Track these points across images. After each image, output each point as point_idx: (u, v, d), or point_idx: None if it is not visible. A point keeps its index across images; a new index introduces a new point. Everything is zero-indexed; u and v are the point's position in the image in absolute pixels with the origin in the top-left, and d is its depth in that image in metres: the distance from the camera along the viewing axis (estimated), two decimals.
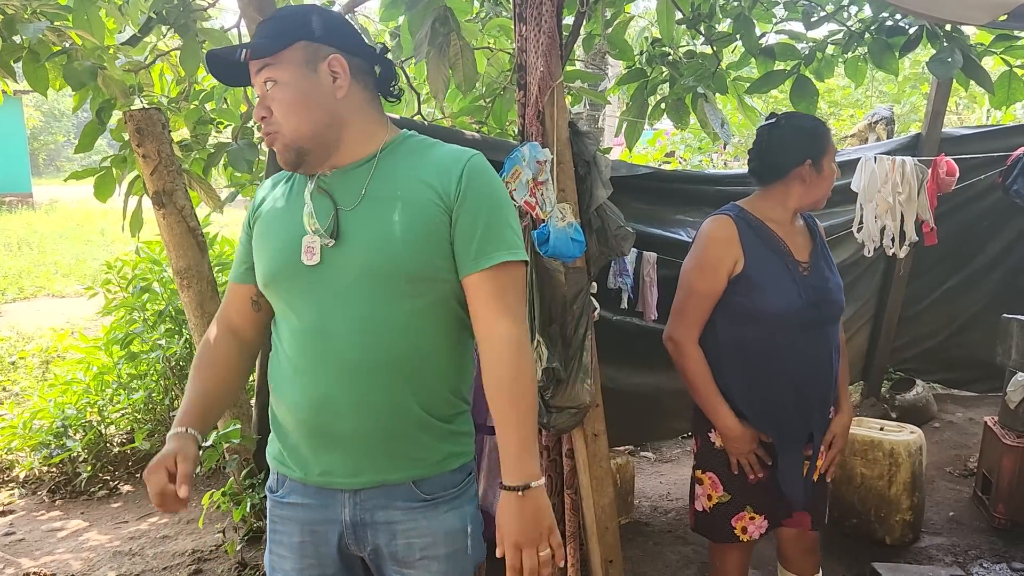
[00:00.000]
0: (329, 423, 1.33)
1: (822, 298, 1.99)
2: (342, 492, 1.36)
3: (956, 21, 2.47)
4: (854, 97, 9.46)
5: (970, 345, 4.37)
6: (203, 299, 2.97)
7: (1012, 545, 3.06)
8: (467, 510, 1.41)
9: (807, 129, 2.04)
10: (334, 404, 1.31)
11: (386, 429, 1.32)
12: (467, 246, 1.31)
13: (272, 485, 1.45)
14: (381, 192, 1.33)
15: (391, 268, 1.29)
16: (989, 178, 3.91)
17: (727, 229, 2.00)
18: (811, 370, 1.99)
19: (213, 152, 3.02)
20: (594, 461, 2.12)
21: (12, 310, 7.71)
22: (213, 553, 3.16)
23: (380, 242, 1.30)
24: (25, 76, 2.76)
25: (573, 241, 1.82)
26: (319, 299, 1.32)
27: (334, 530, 1.38)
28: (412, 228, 1.30)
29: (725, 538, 2.09)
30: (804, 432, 2.02)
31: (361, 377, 1.30)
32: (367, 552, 1.39)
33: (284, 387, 1.37)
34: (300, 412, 1.35)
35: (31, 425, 4.00)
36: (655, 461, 4.15)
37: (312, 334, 1.33)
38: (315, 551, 1.39)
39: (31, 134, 22.65)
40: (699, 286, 2.01)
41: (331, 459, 1.35)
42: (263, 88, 1.33)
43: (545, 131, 2.02)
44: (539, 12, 1.99)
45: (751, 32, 3.02)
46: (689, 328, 2.02)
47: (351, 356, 1.30)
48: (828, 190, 2.06)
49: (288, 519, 1.41)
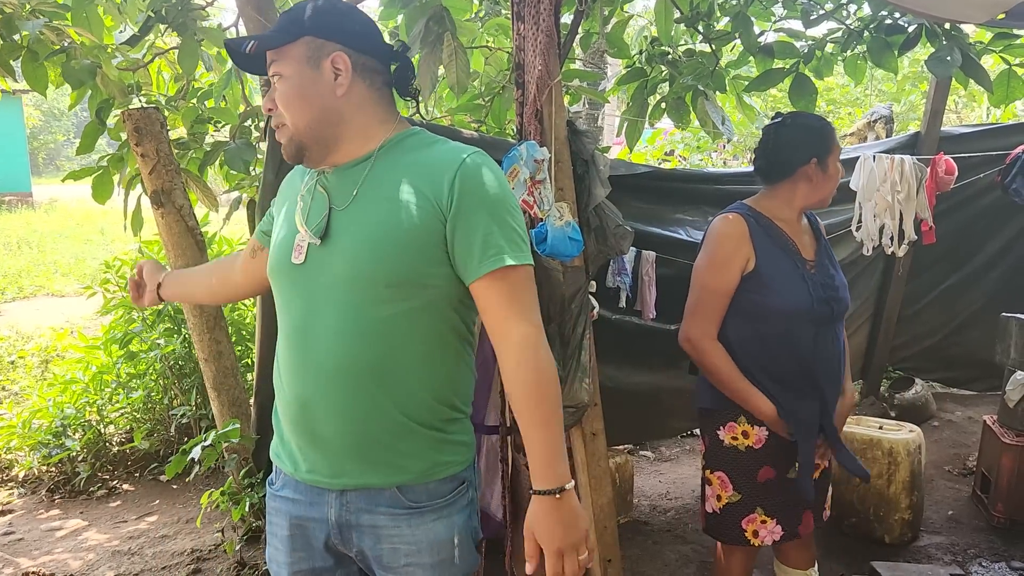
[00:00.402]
0: (311, 423, 1.33)
1: (831, 296, 2.01)
2: (329, 492, 1.36)
3: (955, 19, 2.47)
4: (853, 95, 9.45)
5: (969, 344, 4.37)
6: None
7: (1011, 544, 3.06)
8: (456, 520, 1.37)
9: (814, 128, 2.05)
10: (314, 406, 1.32)
11: (363, 434, 1.31)
12: (469, 252, 1.28)
13: (272, 478, 1.48)
14: (372, 193, 1.31)
15: (370, 272, 1.26)
16: (988, 177, 3.90)
17: (738, 226, 2.01)
18: (823, 366, 2.01)
19: (209, 151, 3.02)
20: (592, 460, 2.12)
21: (11, 309, 7.71)
22: (212, 552, 3.16)
23: (361, 245, 1.27)
24: (24, 75, 2.76)
25: (571, 240, 1.81)
26: (304, 298, 1.33)
27: (321, 527, 1.38)
28: (395, 232, 1.26)
29: (735, 540, 2.09)
30: (816, 426, 2.03)
31: (338, 381, 1.29)
32: (353, 552, 1.40)
33: (280, 382, 1.40)
34: (289, 409, 1.37)
35: (30, 424, 4.00)
36: (654, 460, 4.15)
37: (297, 333, 1.34)
38: (304, 543, 1.41)
39: (31, 133, 22.64)
40: (712, 283, 2.00)
41: (316, 458, 1.35)
42: (273, 80, 1.34)
43: (543, 130, 2.02)
44: (537, 10, 1.98)
45: (750, 30, 3.02)
46: (706, 326, 2.01)
47: (327, 360, 1.29)
48: (833, 189, 2.08)
49: (279, 512, 1.43)
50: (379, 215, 1.28)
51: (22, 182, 16.92)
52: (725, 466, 2.08)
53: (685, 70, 3.12)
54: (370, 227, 1.28)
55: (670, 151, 7.77)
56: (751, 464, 2.04)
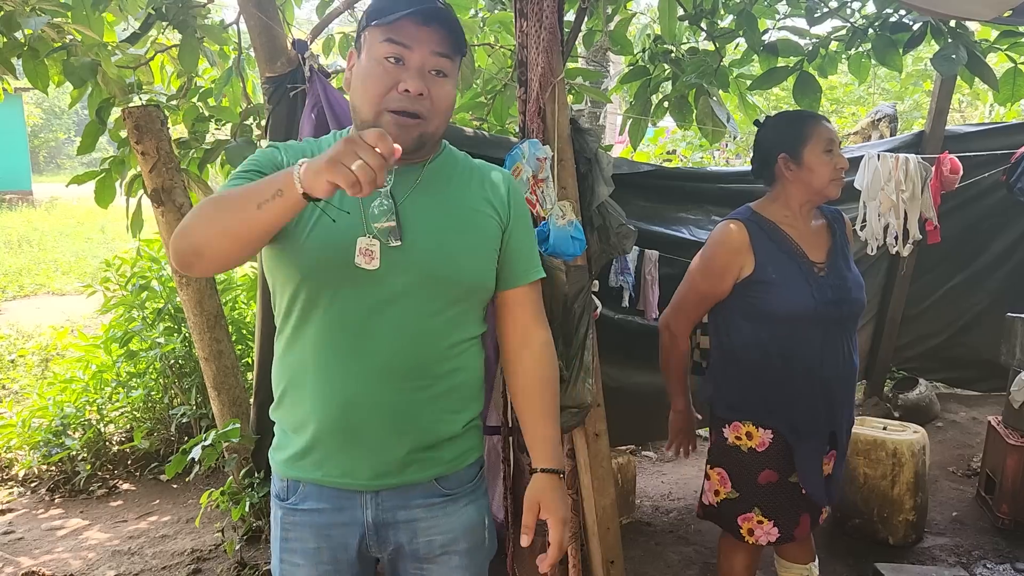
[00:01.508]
0: (355, 427, 1.30)
1: (840, 297, 1.98)
2: (362, 494, 1.34)
3: (960, 17, 2.45)
4: (857, 94, 9.42)
5: (974, 344, 4.35)
6: (202, 297, 2.95)
7: (1016, 545, 3.04)
8: (483, 503, 1.46)
9: (780, 125, 2.05)
10: (362, 408, 1.29)
11: (413, 433, 1.32)
12: (517, 261, 1.41)
13: (280, 493, 1.40)
14: (436, 197, 1.35)
15: (445, 276, 1.31)
16: (993, 176, 3.88)
17: (739, 235, 2.00)
18: (833, 368, 1.99)
19: (210, 149, 3.00)
20: (595, 461, 2.10)
21: (12, 308, 7.70)
22: (212, 552, 3.15)
23: (442, 249, 1.31)
24: (25, 73, 2.75)
25: (573, 239, 1.80)
26: (368, 300, 1.28)
27: (354, 533, 1.36)
28: (472, 238, 1.35)
29: (730, 529, 2.10)
30: (826, 430, 2.02)
31: (393, 382, 1.29)
32: (388, 552, 1.39)
33: (307, 385, 1.32)
34: (326, 411, 1.30)
35: (30, 424, 3.99)
36: (657, 461, 4.13)
37: (350, 335, 1.28)
38: (332, 556, 1.36)
39: (31, 131, 22.61)
40: (702, 287, 2.06)
41: (353, 462, 1.32)
42: (427, 67, 1.28)
43: (546, 128, 2.00)
44: (540, 8, 1.97)
45: (754, 28, 3.00)
46: (686, 323, 2.14)
47: (384, 361, 1.28)
48: (825, 180, 1.99)
49: (302, 525, 1.37)
50: (452, 220, 1.34)
51: (23, 180, 16.88)
52: (726, 463, 2.08)
53: (688, 68, 3.10)
54: (447, 232, 1.32)
55: (672, 150, 7.75)
56: (752, 465, 2.04)
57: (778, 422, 1.99)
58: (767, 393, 1.99)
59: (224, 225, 1.14)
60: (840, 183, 2.02)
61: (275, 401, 1.40)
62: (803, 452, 1.99)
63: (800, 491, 2.04)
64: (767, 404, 2.00)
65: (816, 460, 2.01)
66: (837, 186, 2.01)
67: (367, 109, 1.28)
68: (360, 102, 1.30)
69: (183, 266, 1.21)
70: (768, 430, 2.00)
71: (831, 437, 2.03)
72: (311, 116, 2.35)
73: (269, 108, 2.55)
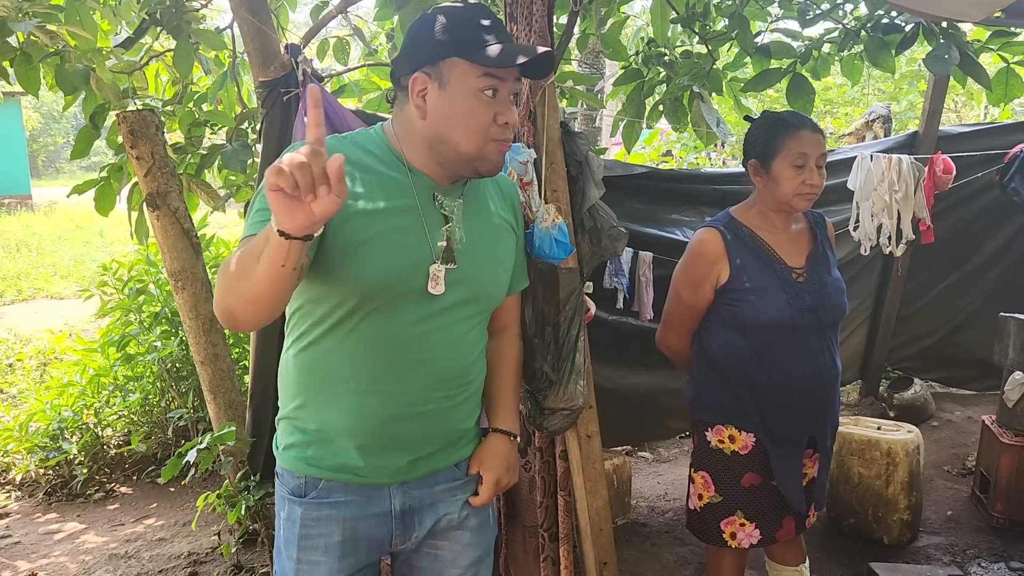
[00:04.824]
0: (395, 429, 1.35)
1: (819, 303, 1.96)
2: (388, 486, 1.40)
3: (952, 18, 2.46)
4: (850, 95, 9.44)
5: (968, 343, 4.36)
6: (198, 301, 2.95)
7: (1010, 544, 3.05)
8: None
9: (759, 128, 2.01)
10: (409, 413, 1.35)
11: (448, 431, 1.43)
12: (518, 267, 1.53)
13: (296, 490, 1.38)
14: (478, 215, 1.41)
15: (490, 293, 1.43)
16: (986, 176, 3.89)
17: (713, 244, 1.99)
18: (812, 375, 1.98)
19: (206, 154, 3.01)
20: (588, 463, 2.10)
21: (10, 312, 7.71)
22: (209, 555, 3.15)
23: (483, 268, 1.39)
24: (17, 77, 2.75)
25: (556, 242, 1.80)
26: (420, 312, 1.33)
27: (381, 523, 1.40)
28: (506, 255, 1.47)
29: (713, 540, 2.10)
30: (804, 436, 2.01)
31: (442, 389, 1.38)
32: (412, 539, 1.44)
33: (344, 391, 1.33)
34: (367, 418, 1.33)
35: (27, 427, 3.99)
36: (652, 461, 4.14)
37: (407, 347, 1.32)
38: (354, 548, 1.39)
39: (30, 136, 22.61)
40: (685, 298, 2.06)
41: (384, 460, 1.37)
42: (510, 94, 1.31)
43: (536, 131, 2.01)
44: (529, 12, 1.97)
45: (746, 30, 3.01)
46: (682, 337, 2.14)
47: (440, 370, 1.36)
48: (788, 194, 1.92)
49: (328, 519, 1.37)
50: (489, 236, 1.42)
51: (21, 184, 16.87)
52: (709, 467, 2.08)
53: (682, 71, 3.11)
54: (487, 249, 1.41)
55: (667, 152, 7.76)
56: (735, 468, 2.04)
57: (756, 427, 1.99)
58: (746, 398, 1.99)
59: (240, 293, 1.14)
60: (809, 198, 1.94)
61: (291, 402, 1.39)
62: (780, 457, 1.99)
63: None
64: (746, 409, 1.99)
65: (794, 465, 2.00)
66: (804, 200, 1.93)
67: (471, 143, 1.28)
68: (460, 137, 1.28)
69: (230, 328, 1.27)
70: (750, 434, 2.01)
71: (811, 442, 2.03)
72: (304, 120, 2.36)
73: (263, 112, 2.55)
